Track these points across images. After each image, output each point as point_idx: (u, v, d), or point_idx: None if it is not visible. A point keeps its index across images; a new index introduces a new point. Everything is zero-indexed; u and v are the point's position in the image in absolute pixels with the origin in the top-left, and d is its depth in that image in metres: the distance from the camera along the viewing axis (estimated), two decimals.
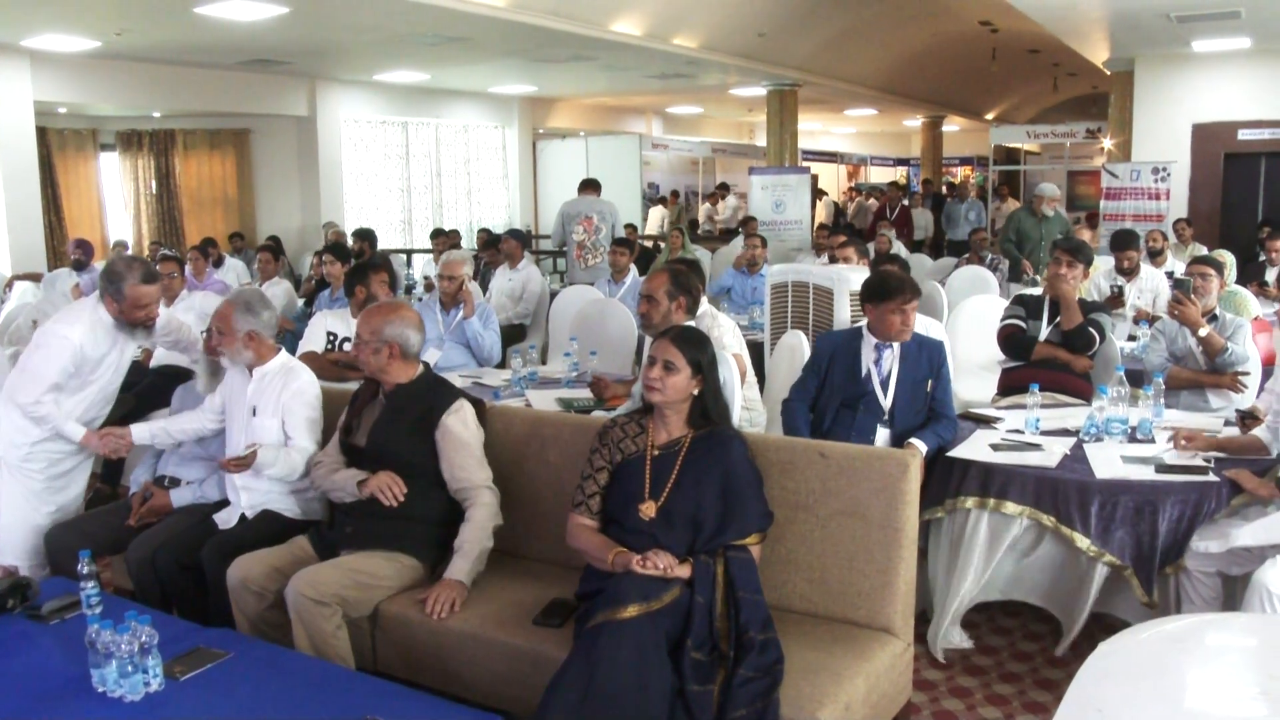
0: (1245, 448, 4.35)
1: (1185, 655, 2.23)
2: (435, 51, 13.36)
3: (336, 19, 11.24)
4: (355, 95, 16.64)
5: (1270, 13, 11.97)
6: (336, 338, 6.05)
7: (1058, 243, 5.98)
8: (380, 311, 4.03)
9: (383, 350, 3.93)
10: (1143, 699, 2.00)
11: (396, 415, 3.94)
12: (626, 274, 8.83)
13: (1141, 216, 14.27)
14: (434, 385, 4.03)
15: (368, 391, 4.10)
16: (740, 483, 3.45)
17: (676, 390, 3.49)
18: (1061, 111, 26.50)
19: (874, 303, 4.77)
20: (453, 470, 3.87)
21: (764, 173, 16.75)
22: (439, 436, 3.88)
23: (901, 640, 3.52)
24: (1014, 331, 5.70)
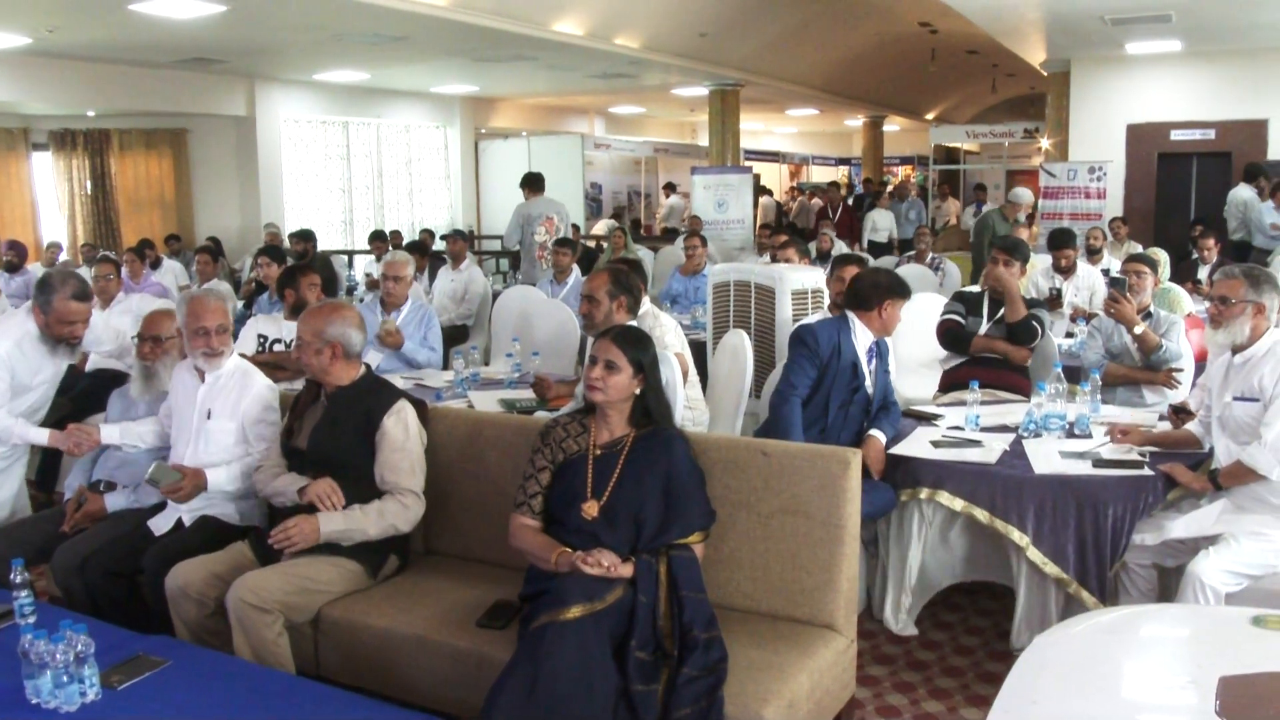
0: (1179, 442, 4.43)
1: (1119, 646, 2.26)
2: (376, 51, 13.26)
3: (275, 18, 11.12)
4: (295, 95, 16.47)
5: (1200, 17, 12.21)
6: (267, 340, 5.99)
7: (994, 241, 6.06)
8: (321, 312, 3.98)
9: (325, 351, 3.88)
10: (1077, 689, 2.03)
11: (337, 418, 3.90)
12: (569, 274, 8.82)
13: (1079, 215, 14.48)
14: (375, 387, 3.99)
15: (309, 394, 4.05)
16: (682, 482, 3.45)
17: (618, 390, 3.48)
18: (1000, 112, 26.82)
19: (894, 299, 4.78)
20: (383, 471, 3.82)
21: (706, 172, 16.80)
22: (377, 438, 3.83)
23: (844, 636, 3.54)
24: (953, 326, 5.79)
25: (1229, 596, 3.70)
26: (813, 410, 4.69)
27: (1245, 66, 14.80)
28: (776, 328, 6.07)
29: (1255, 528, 3.80)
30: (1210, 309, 4.09)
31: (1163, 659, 2.30)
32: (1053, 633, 2.35)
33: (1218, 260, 9.34)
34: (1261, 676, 1.98)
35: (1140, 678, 2.16)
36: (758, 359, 5.79)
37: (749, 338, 5.68)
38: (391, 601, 3.73)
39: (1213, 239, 9.69)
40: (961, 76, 22.98)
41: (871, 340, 4.79)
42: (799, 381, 4.67)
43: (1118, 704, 2.01)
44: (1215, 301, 4.06)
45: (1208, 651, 2.28)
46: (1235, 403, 3.99)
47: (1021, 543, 4.15)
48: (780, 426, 4.60)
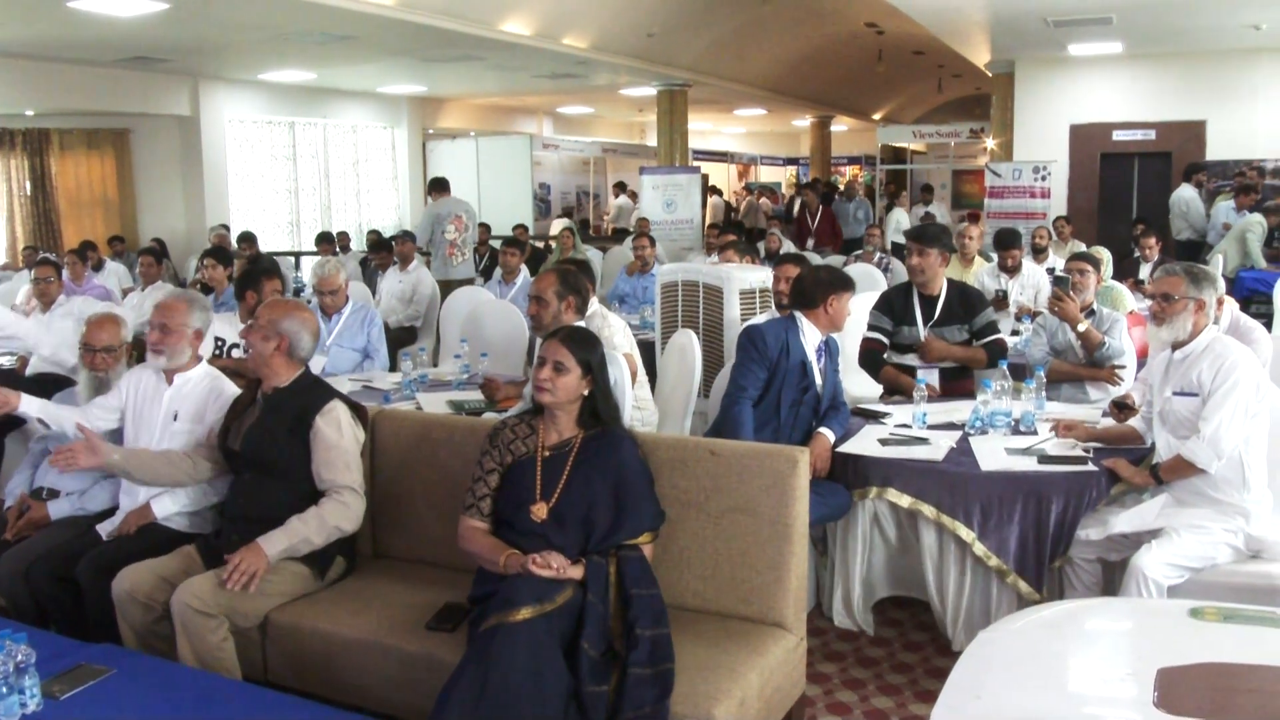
0: (1122, 437, 4.49)
1: (1060, 640, 2.30)
2: (322, 50, 13.17)
3: (219, 16, 11.00)
4: (240, 94, 16.31)
5: (1139, 19, 12.40)
6: (225, 343, 5.94)
7: (906, 232, 6.02)
8: (286, 305, 3.99)
9: (272, 340, 3.84)
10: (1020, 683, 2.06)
11: (272, 418, 3.85)
12: (517, 275, 8.81)
13: (1024, 214, 14.66)
14: (310, 387, 3.94)
15: (248, 395, 4.00)
16: (632, 482, 3.45)
17: (567, 391, 3.48)
18: (946, 112, 27.05)
19: (838, 293, 4.79)
20: (319, 469, 3.78)
21: (655, 172, 16.82)
22: (311, 439, 3.79)
23: (794, 634, 3.55)
24: (874, 347, 5.72)
25: (1171, 589, 3.76)
26: (764, 411, 4.70)
27: (1184, 68, 15.07)
28: (725, 327, 6.09)
29: (1195, 521, 3.86)
30: (1153, 306, 4.13)
31: (1103, 652, 2.33)
32: (995, 628, 2.38)
33: (1159, 258, 9.48)
34: (1198, 667, 2.02)
35: (1081, 671, 2.19)
36: (706, 359, 5.81)
37: (697, 337, 5.69)
38: (340, 605, 3.70)
39: (1154, 238, 9.83)
40: (908, 77, 23.17)
41: (820, 338, 4.82)
42: (748, 383, 4.67)
43: (1059, 697, 2.03)
44: (1158, 299, 4.10)
45: (1146, 644, 2.32)
46: (1175, 398, 4.05)
47: (968, 538, 4.19)
48: (731, 428, 4.60)
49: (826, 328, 4.81)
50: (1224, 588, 3.77)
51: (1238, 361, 3.92)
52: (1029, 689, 2.06)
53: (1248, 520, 3.87)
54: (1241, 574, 3.83)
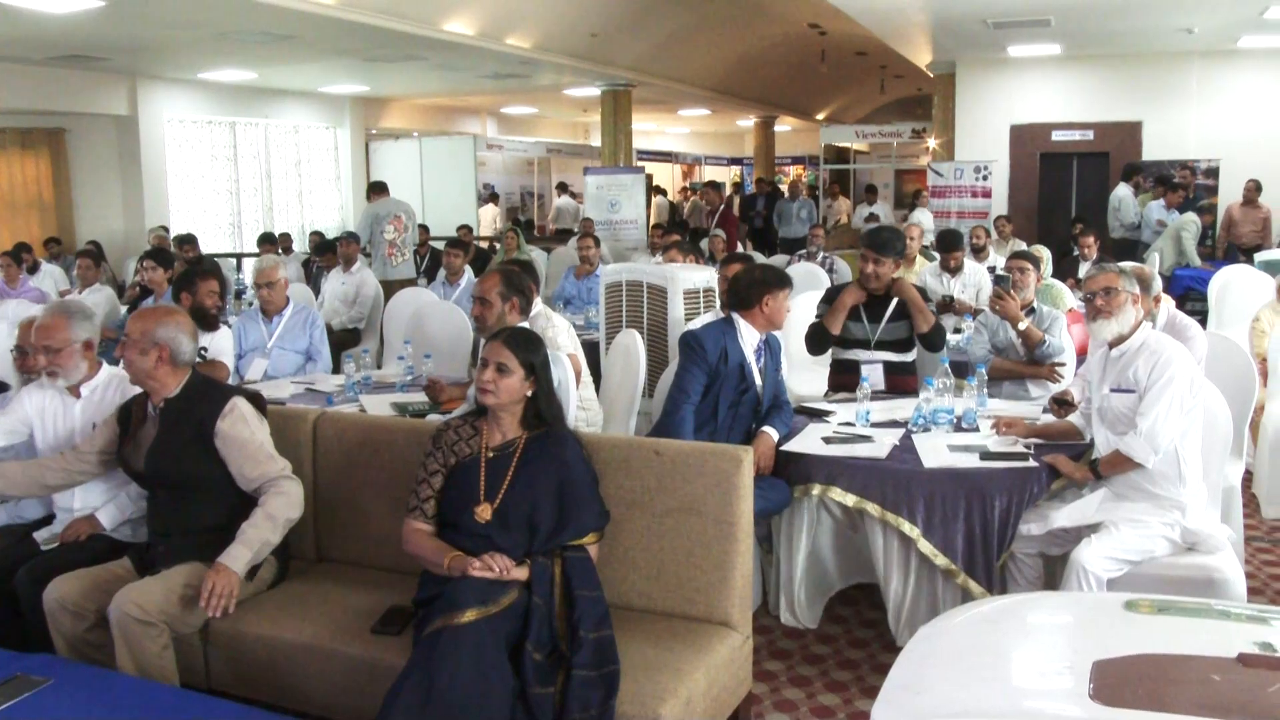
0: (1062, 433, 4.56)
1: (999, 635, 2.33)
2: (263, 50, 13.03)
3: (157, 14, 10.84)
4: (179, 94, 16.09)
5: (1077, 22, 12.58)
6: None
7: (862, 238, 6.06)
8: (155, 313, 3.83)
9: (151, 352, 3.70)
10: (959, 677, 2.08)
11: (171, 432, 3.73)
12: (461, 275, 8.77)
13: (965, 214, 14.81)
14: (203, 391, 3.82)
15: (140, 411, 3.86)
16: (576, 483, 3.46)
17: (510, 392, 3.48)
18: (889, 112, 27.27)
19: (773, 291, 4.80)
20: (241, 472, 3.69)
21: (599, 173, 16.82)
22: (220, 445, 3.69)
23: (740, 633, 3.57)
24: (814, 331, 5.79)
25: (1110, 582, 3.83)
26: (702, 412, 4.71)
27: (1121, 70, 15.30)
28: (669, 327, 6.10)
29: (1134, 515, 3.93)
30: (1096, 301, 4.17)
31: (1041, 646, 2.37)
32: (936, 624, 2.40)
33: (1097, 256, 9.61)
34: (1132, 659, 2.05)
35: (1019, 665, 2.22)
36: (650, 359, 5.82)
37: (641, 338, 5.70)
38: (283, 610, 3.67)
39: (1092, 236, 9.98)
40: (851, 77, 23.32)
41: (759, 338, 4.84)
42: (691, 388, 4.69)
43: (997, 690, 2.06)
44: (1099, 294, 4.14)
45: (1083, 637, 2.35)
46: (1113, 394, 4.12)
47: (913, 534, 4.23)
48: (672, 433, 4.61)
49: (764, 327, 4.83)
50: (1162, 580, 3.85)
51: (1173, 358, 3.99)
52: (968, 683, 2.08)
53: (1184, 514, 3.94)
54: (1179, 566, 3.92)
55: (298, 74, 15.92)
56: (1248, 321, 7.23)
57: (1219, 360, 5.33)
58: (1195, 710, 1.87)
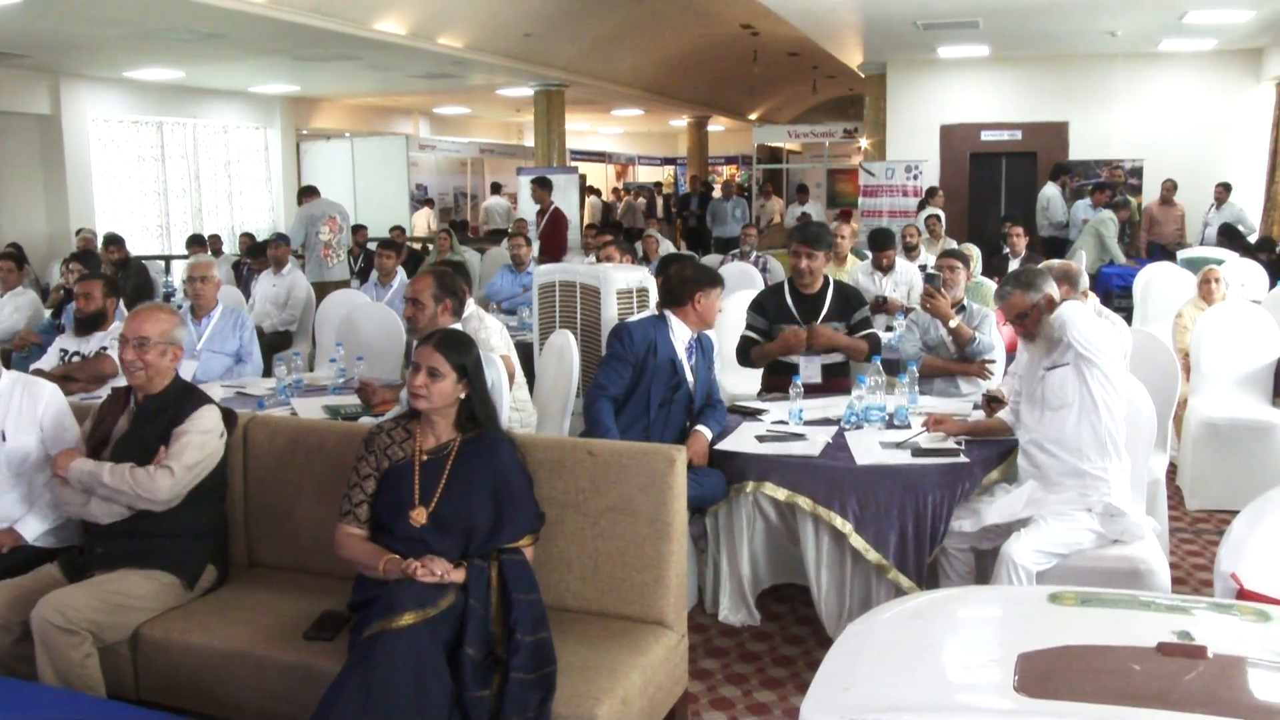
0: (991, 430, 4.62)
1: (926, 630, 2.35)
2: (190, 48, 12.86)
3: (80, 11, 10.66)
4: (104, 93, 15.81)
5: (1005, 24, 12.78)
6: (68, 353, 5.79)
7: (792, 234, 6.10)
8: (163, 314, 3.89)
9: (169, 352, 3.80)
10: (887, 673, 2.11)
11: (143, 426, 3.77)
12: (394, 277, 8.70)
13: (897, 213, 15.00)
14: (183, 394, 3.87)
15: (117, 405, 3.89)
16: (511, 485, 3.45)
17: (442, 396, 3.46)
18: (821, 112, 27.49)
19: (705, 289, 4.81)
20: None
21: (532, 173, 16.75)
22: (171, 439, 3.71)
23: (675, 632, 3.58)
24: (746, 345, 5.83)
25: (1039, 575, 3.89)
26: (634, 409, 4.72)
27: (1048, 71, 15.57)
28: (602, 327, 6.08)
29: (1061, 508, 4.00)
30: (1015, 329, 4.28)
31: (967, 639, 2.40)
32: (864, 620, 2.43)
33: (1026, 254, 9.76)
34: (1056, 650, 2.09)
35: (946, 658, 2.25)
36: (584, 359, 5.81)
37: (575, 338, 5.69)
38: (214, 616, 3.62)
39: (1020, 227, 10.16)
40: (783, 78, 23.47)
41: (690, 336, 4.86)
42: (609, 382, 4.70)
43: (925, 685, 2.08)
44: (1014, 322, 4.25)
45: (1009, 630, 2.39)
46: (1048, 373, 4.16)
47: (845, 530, 4.27)
48: (591, 427, 4.63)
49: (696, 325, 4.85)
50: (1089, 572, 3.92)
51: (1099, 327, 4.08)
52: (896, 678, 2.11)
53: (1109, 488, 4.00)
54: (1105, 558, 3.99)
55: (226, 73, 15.73)
56: (1171, 318, 7.39)
57: (1143, 356, 5.44)
58: (1116, 699, 1.91)
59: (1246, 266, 9.52)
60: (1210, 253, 10.94)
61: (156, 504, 3.64)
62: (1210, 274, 7.26)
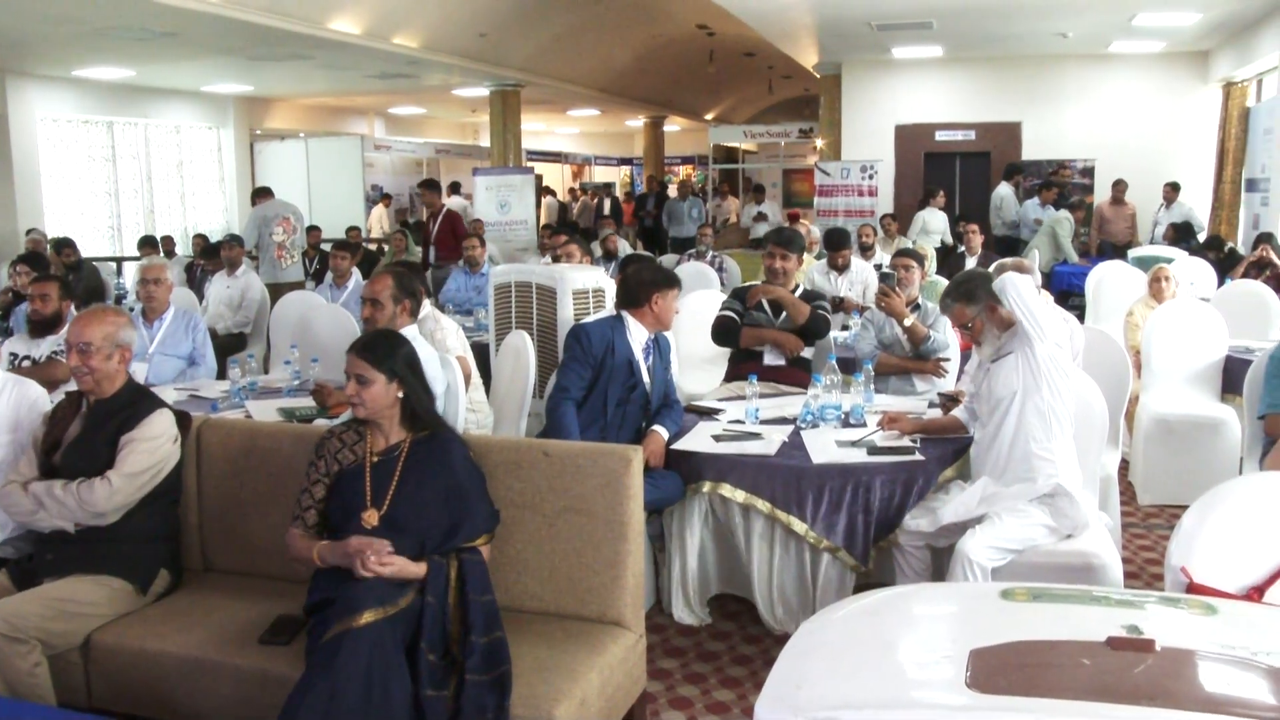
0: (946, 428, 4.66)
1: (879, 627, 2.37)
2: (141, 47, 12.73)
3: (27, 8, 10.54)
4: (53, 92, 15.63)
5: (957, 25, 12.90)
6: (17, 357, 5.71)
7: (768, 236, 6.19)
8: (109, 315, 3.83)
9: (114, 355, 3.75)
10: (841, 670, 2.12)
11: (96, 429, 3.73)
12: (349, 278, 8.66)
13: (852, 212, 15.09)
14: (135, 397, 3.83)
15: (71, 408, 3.84)
16: (464, 486, 3.43)
17: (376, 400, 3.42)
18: (777, 112, 27.58)
19: (662, 290, 4.83)
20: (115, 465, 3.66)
21: (488, 173, 16.72)
22: (120, 444, 3.68)
23: (633, 632, 3.58)
24: (724, 323, 5.91)
25: (995, 571, 3.93)
26: (591, 409, 4.73)
27: (1001, 72, 15.72)
28: (559, 328, 6.09)
29: (1015, 504, 4.04)
30: (962, 338, 4.32)
31: (921, 636, 2.42)
32: (817, 618, 2.44)
33: (982, 253, 9.85)
34: (1007, 646, 2.11)
35: (899, 655, 2.27)
36: (540, 359, 5.81)
37: (531, 338, 5.69)
38: (167, 622, 3.58)
39: (975, 225, 10.25)
40: (739, 78, 23.54)
41: (647, 337, 4.87)
42: (570, 384, 4.71)
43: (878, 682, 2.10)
44: (959, 331, 4.30)
45: (961, 626, 2.41)
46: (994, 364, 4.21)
47: (801, 530, 4.29)
48: (554, 429, 4.62)
49: (653, 326, 4.86)
50: (1043, 567, 3.96)
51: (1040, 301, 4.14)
52: (849, 675, 2.12)
53: (1055, 468, 4.05)
54: (1059, 554, 4.03)
55: (179, 72, 15.59)
56: (1122, 316, 7.48)
57: (1095, 353, 5.50)
58: (1066, 694, 1.93)
59: (1196, 265, 9.65)
60: (1160, 251, 11.08)
61: (103, 516, 3.61)
62: (1160, 272, 7.36)
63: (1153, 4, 11.79)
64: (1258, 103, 13.64)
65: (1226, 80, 14.24)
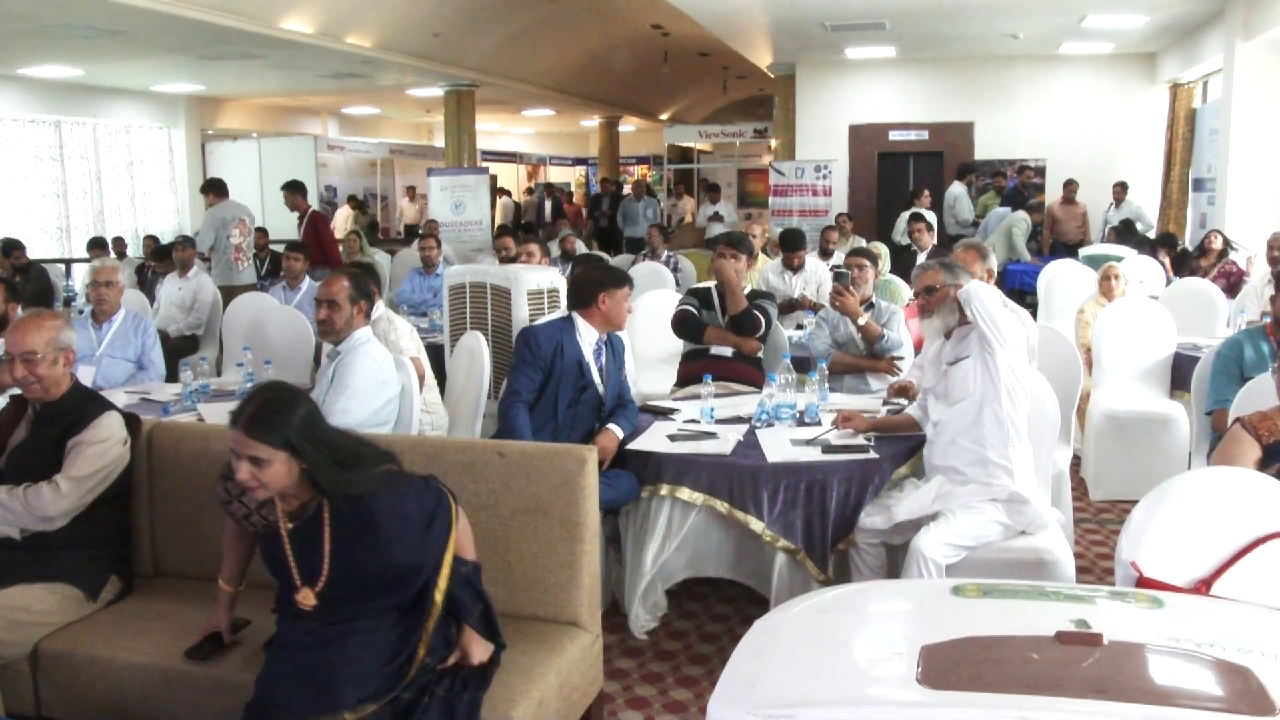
0: (900, 426, 4.69)
1: (831, 625, 2.39)
2: (90, 45, 12.57)
3: None
4: None
5: (911, 26, 13.01)
6: None
7: (719, 237, 6.27)
8: (45, 320, 3.76)
9: (59, 359, 3.69)
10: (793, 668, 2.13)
11: (41, 433, 3.68)
12: (301, 280, 8.59)
13: (807, 212, 15.16)
14: (82, 400, 3.78)
15: (15, 413, 3.79)
16: (406, 541, 2.94)
17: (279, 479, 2.87)
18: (731, 112, 27.64)
19: (610, 290, 4.82)
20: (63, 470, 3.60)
21: (443, 174, 16.64)
22: (68, 447, 3.63)
23: (590, 632, 3.58)
24: (686, 315, 5.95)
25: (950, 568, 3.97)
26: (542, 411, 4.72)
27: (953, 72, 15.86)
28: (513, 328, 6.08)
29: (968, 501, 4.07)
30: (918, 300, 4.34)
31: (873, 633, 2.44)
32: (771, 616, 2.45)
33: (933, 249, 9.92)
34: (958, 642, 2.13)
35: (852, 653, 2.28)
36: (496, 360, 5.79)
37: (486, 339, 5.67)
38: (118, 629, 3.55)
39: (924, 224, 10.33)
40: (694, 78, 23.57)
41: (598, 338, 4.86)
42: (521, 386, 4.69)
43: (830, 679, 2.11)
44: (921, 293, 4.31)
45: (913, 623, 2.43)
46: (950, 368, 4.24)
47: (758, 529, 4.30)
48: (508, 433, 4.61)
49: (602, 325, 4.85)
50: (997, 563, 4.00)
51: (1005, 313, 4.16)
52: (801, 673, 2.13)
53: (1012, 477, 4.09)
54: (1012, 550, 4.07)
55: (128, 71, 15.42)
56: (1073, 314, 7.56)
57: (1047, 351, 5.54)
58: (1015, 688, 1.96)
59: (1145, 263, 9.77)
60: (1110, 250, 11.21)
61: (50, 521, 3.56)
62: (1110, 271, 7.44)
63: (1101, 6, 11.95)
64: (1204, 104, 13.85)
65: (1174, 82, 14.44)
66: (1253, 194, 11.18)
